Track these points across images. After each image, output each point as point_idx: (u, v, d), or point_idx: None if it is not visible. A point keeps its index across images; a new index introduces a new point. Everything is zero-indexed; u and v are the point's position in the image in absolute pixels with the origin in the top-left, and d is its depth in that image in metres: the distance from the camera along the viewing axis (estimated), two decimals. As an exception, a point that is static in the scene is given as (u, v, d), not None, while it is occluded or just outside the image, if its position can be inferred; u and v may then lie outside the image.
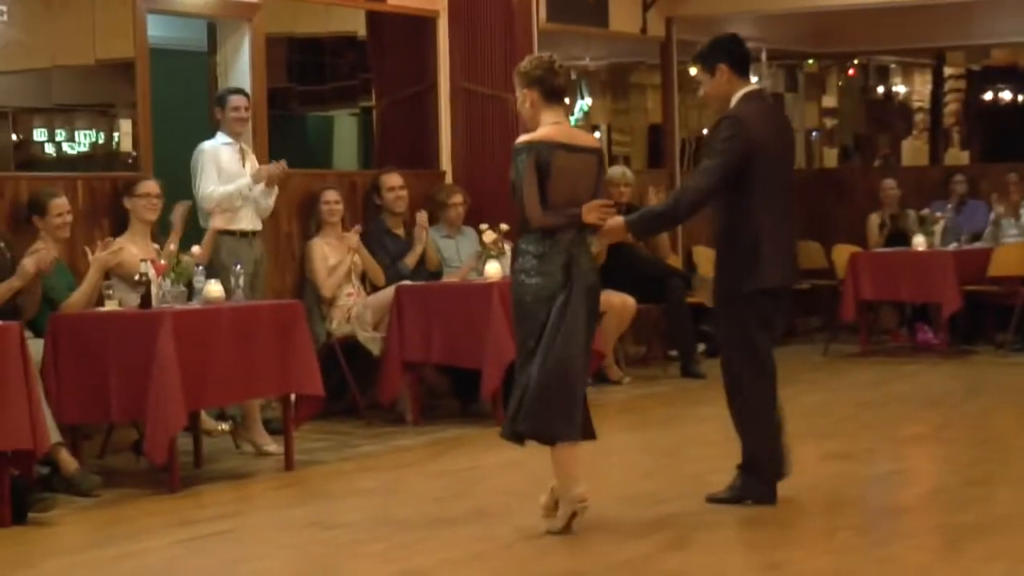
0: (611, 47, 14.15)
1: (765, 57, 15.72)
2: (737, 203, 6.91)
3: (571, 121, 13.91)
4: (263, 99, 10.34)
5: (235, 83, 10.15)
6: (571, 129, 6.81)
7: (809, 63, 16.79)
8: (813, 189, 16.01)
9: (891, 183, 14.57)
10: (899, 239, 14.03)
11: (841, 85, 17.33)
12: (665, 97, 14.26)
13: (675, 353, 12.50)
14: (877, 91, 17.69)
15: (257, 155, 10.00)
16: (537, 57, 6.79)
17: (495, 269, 10.06)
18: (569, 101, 14.06)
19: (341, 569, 6.25)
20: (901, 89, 17.58)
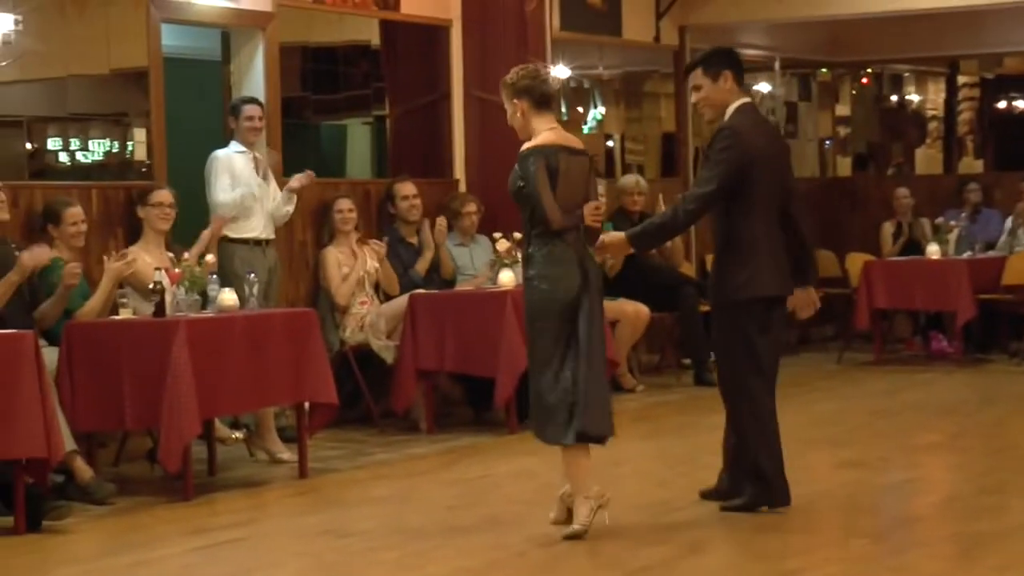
0: (624, 56, 14.15)
1: (778, 66, 15.72)
2: (734, 212, 7.02)
3: (584, 129, 14.08)
4: (277, 108, 10.35)
5: (249, 92, 10.16)
6: (566, 133, 6.91)
7: (822, 72, 16.78)
8: (827, 198, 16.00)
9: (904, 192, 14.55)
10: (912, 248, 14.03)
11: (854, 94, 17.32)
12: (678, 106, 14.27)
13: (688, 361, 12.50)
14: (891, 100, 17.68)
15: (271, 164, 10.00)
16: (522, 67, 6.90)
17: (509, 277, 10.06)
18: (583, 110, 14.17)
19: (355, 577, 6.26)
20: (915, 98, 17.56)
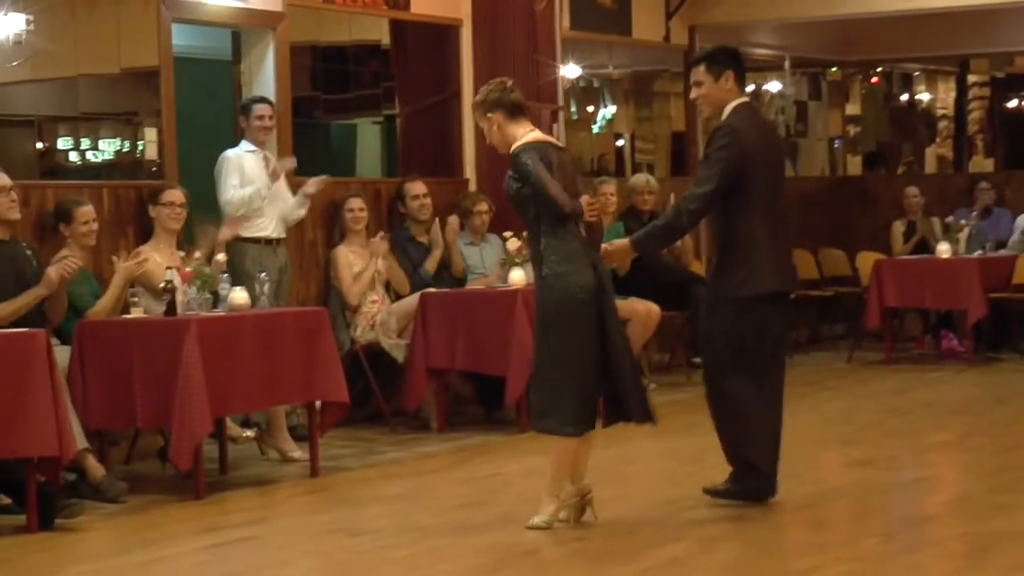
0: (634, 55, 14.15)
1: (788, 65, 15.71)
2: (733, 210, 7.06)
3: (594, 128, 14.08)
4: (287, 108, 10.36)
5: (259, 92, 10.18)
6: (545, 134, 7.05)
7: (832, 71, 16.77)
8: (837, 197, 16.00)
9: (914, 191, 14.54)
10: (922, 247, 14.02)
11: (864, 93, 17.31)
12: (688, 105, 14.21)
13: (699, 360, 12.47)
14: (901, 99, 17.67)
15: (282, 163, 10.04)
16: (487, 84, 6.96)
17: (519, 276, 10.06)
18: (592, 109, 14.17)
19: (366, 575, 6.25)
20: (925, 97, 17.55)
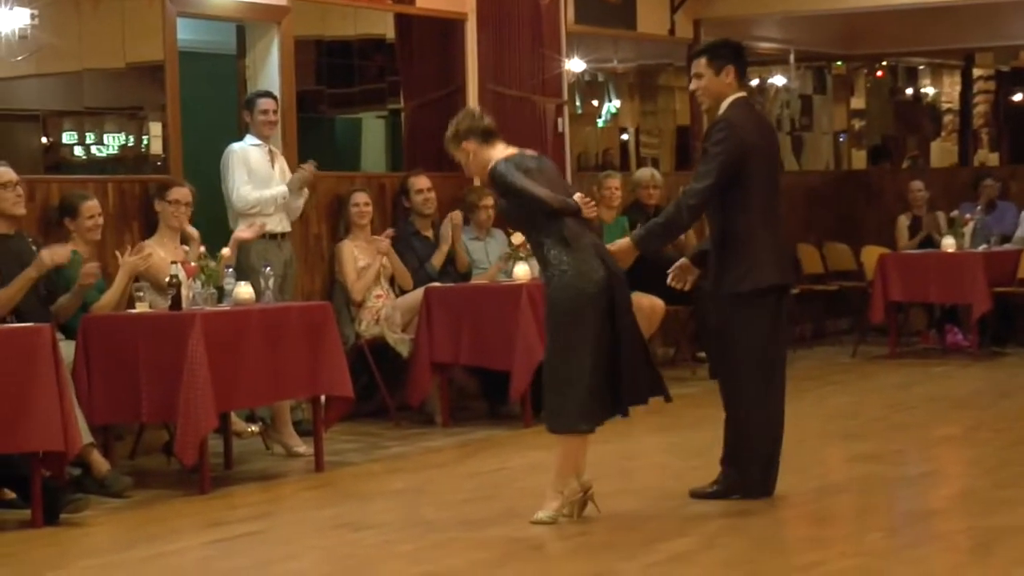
0: (639, 49, 14.14)
1: (793, 59, 15.69)
2: (730, 206, 7.08)
3: (598, 124, 14.07)
4: (292, 102, 10.36)
5: (264, 86, 10.18)
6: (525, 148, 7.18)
7: (837, 65, 16.75)
8: (842, 191, 15.99)
9: (919, 185, 14.53)
10: (927, 241, 14.00)
11: (869, 87, 17.29)
12: (693, 99, 14.20)
13: (704, 355, 12.48)
14: (906, 92, 17.66)
15: (287, 157, 10.03)
16: (455, 116, 7.05)
17: (524, 271, 10.06)
18: (597, 104, 14.16)
19: (371, 570, 6.26)
20: (930, 90, 17.54)
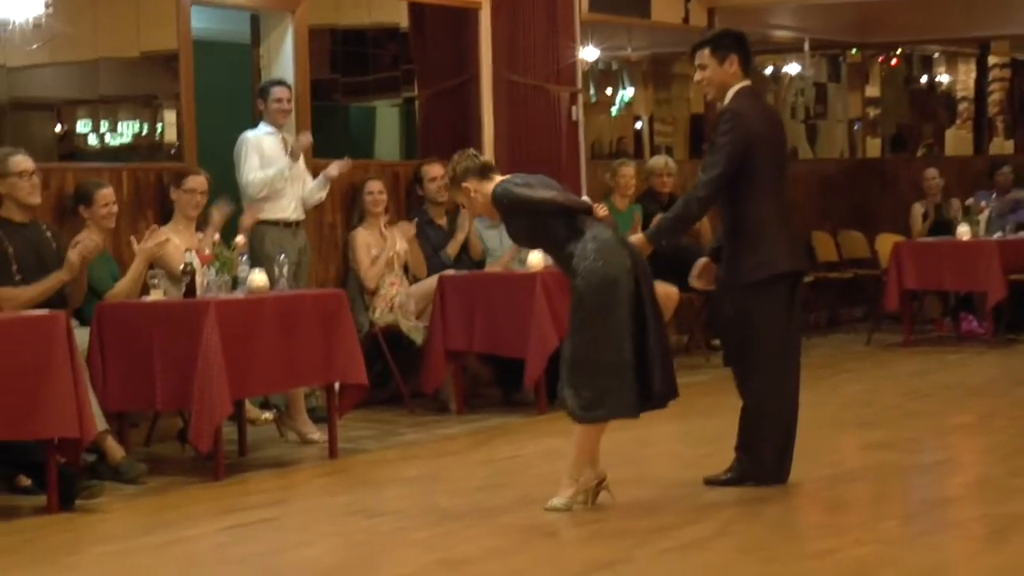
0: (653, 37, 14.12)
1: (808, 47, 15.66)
2: (739, 196, 7.08)
3: (612, 113, 14.05)
4: (306, 90, 10.36)
5: (278, 74, 10.18)
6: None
7: (852, 53, 16.71)
8: (856, 179, 15.96)
9: (934, 173, 14.51)
10: (942, 229, 13.97)
11: (884, 75, 17.25)
12: (707, 87, 14.21)
13: (717, 342, 12.47)
14: (920, 81, 17.61)
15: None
16: (455, 157, 7.04)
17: (537, 259, 10.04)
18: (611, 92, 14.14)
19: (385, 557, 6.26)
20: (945, 79, 17.49)
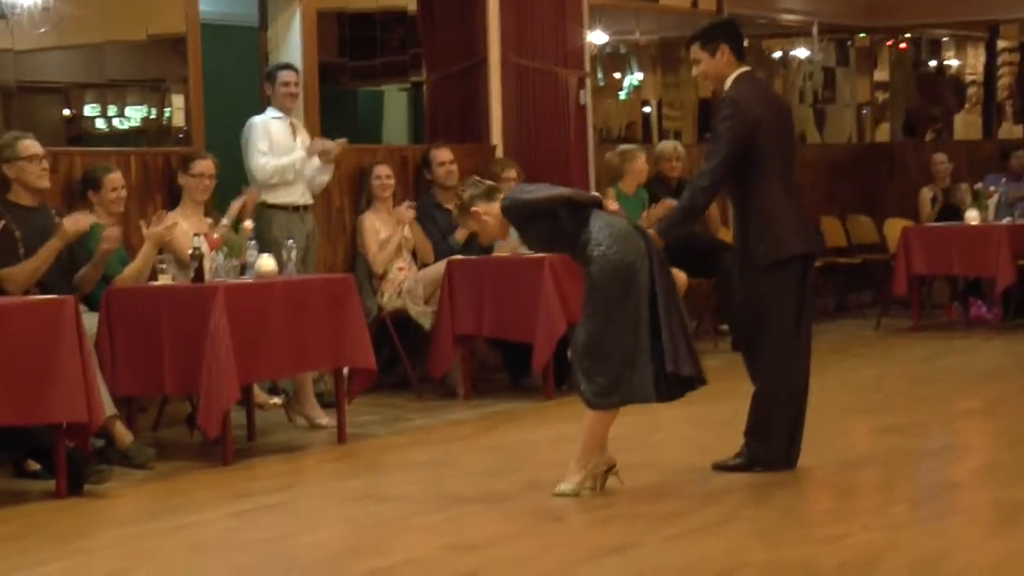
0: (661, 21, 14.10)
1: (816, 31, 15.62)
2: (747, 180, 7.09)
3: (620, 97, 14.03)
4: (314, 74, 10.35)
5: (286, 58, 10.17)
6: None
7: (860, 37, 16.68)
8: (865, 163, 15.93)
9: (942, 157, 14.48)
10: (951, 213, 13.95)
11: (893, 59, 17.21)
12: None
13: (726, 327, 12.48)
14: (929, 65, 17.56)
15: (308, 130, 10.04)
16: (461, 186, 7.09)
17: (546, 243, 10.03)
18: (619, 76, 14.11)
19: (394, 542, 6.26)
20: (954, 63, 17.44)
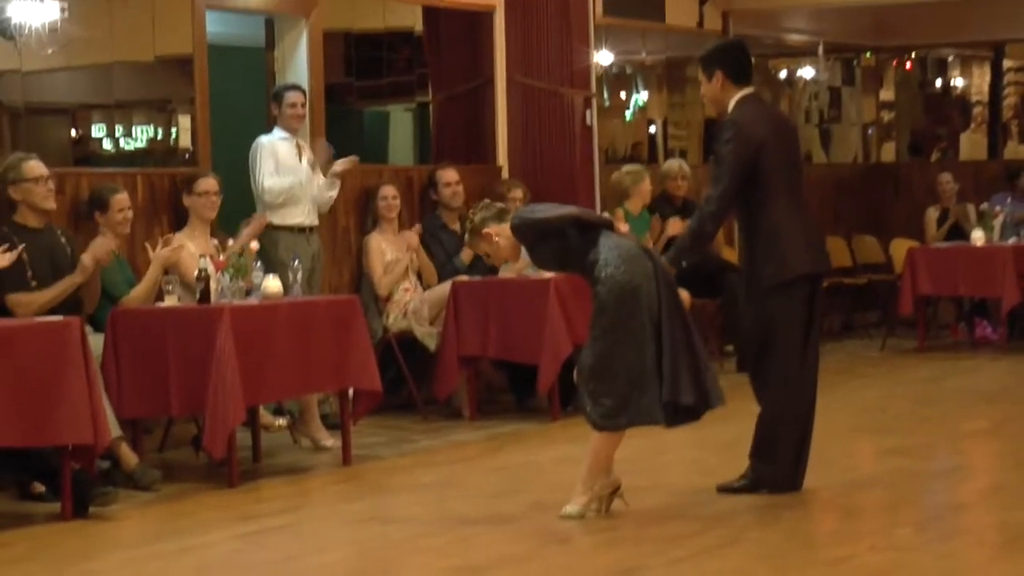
0: (667, 41, 14.11)
1: (822, 50, 15.65)
2: (753, 202, 7.10)
3: (626, 117, 14.05)
4: (320, 94, 10.37)
5: (292, 79, 10.18)
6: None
7: (866, 56, 16.70)
8: (870, 183, 15.94)
9: (948, 177, 14.47)
10: (957, 234, 13.94)
11: (898, 79, 17.22)
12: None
13: (731, 348, 12.46)
14: (935, 84, 17.57)
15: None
16: (471, 211, 7.13)
17: (551, 264, 10.03)
18: (625, 96, 14.13)
19: (399, 563, 6.26)
20: (959, 82, 17.45)
